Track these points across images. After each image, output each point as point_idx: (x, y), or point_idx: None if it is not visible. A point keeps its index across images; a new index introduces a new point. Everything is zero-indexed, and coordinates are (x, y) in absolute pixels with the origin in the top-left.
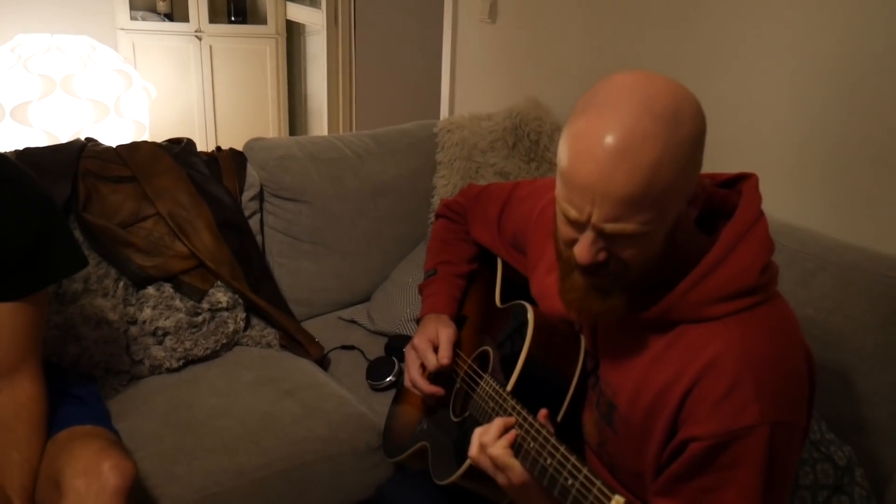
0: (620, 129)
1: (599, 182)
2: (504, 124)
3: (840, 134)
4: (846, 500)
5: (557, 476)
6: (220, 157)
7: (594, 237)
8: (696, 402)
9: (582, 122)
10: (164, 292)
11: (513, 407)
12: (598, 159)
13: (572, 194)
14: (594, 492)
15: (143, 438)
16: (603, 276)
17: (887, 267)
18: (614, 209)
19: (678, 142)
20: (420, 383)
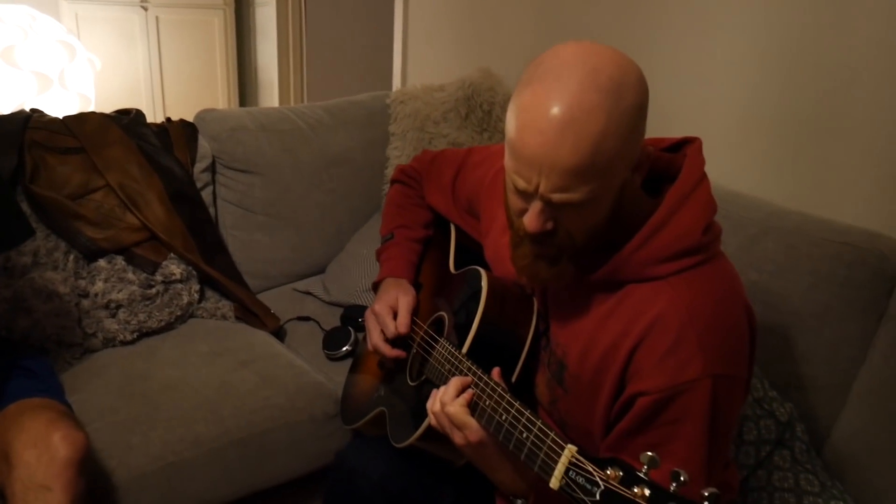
0: (565, 102)
1: (546, 154)
2: (457, 95)
3: (781, 103)
4: (787, 454)
5: (513, 430)
6: (171, 128)
7: (542, 207)
8: (643, 358)
9: (528, 94)
10: (115, 265)
11: (468, 367)
12: (545, 132)
13: (520, 166)
14: (548, 442)
15: (99, 410)
16: (551, 245)
17: (827, 231)
18: (561, 180)
19: (622, 112)
20: (383, 348)
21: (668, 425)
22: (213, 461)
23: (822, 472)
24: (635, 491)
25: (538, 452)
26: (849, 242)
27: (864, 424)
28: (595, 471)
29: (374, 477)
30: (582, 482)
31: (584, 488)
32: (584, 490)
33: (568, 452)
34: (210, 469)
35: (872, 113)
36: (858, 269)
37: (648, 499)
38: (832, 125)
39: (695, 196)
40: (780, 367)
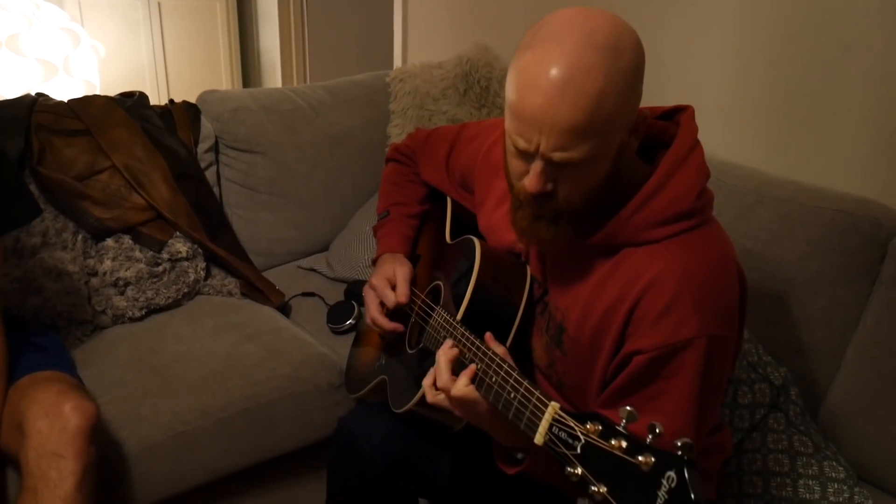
0: (564, 62)
1: (546, 113)
2: (455, 72)
3: (775, 74)
4: (782, 416)
5: (501, 391)
6: (174, 109)
7: (542, 167)
8: (640, 318)
9: (528, 56)
10: (123, 244)
11: (462, 334)
12: (545, 91)
13: (521, 126)
14: (533, 401)
15: (109, 383)
16: (550, 206)
17: (820, 199)
18: (561, 138)
19: (619, 72)
20: (380, 321)
21: (662, 381)
22: (220, 431)
23: (815, 433)
24: (613, 443)
25: (524, 411)
26: (842, 210)
27: (858, 387)
28: (576, 425)
29: (375, 441)
30: (564, 437)
31: (567, 443)
32: (567, 444)
33: (551, 409)
34: (218, 439)
35: (865, 82)
36: (851, 235)
37: (625, 450)
38: (825, 95)
39: (689, 162)
40: (776, 333)
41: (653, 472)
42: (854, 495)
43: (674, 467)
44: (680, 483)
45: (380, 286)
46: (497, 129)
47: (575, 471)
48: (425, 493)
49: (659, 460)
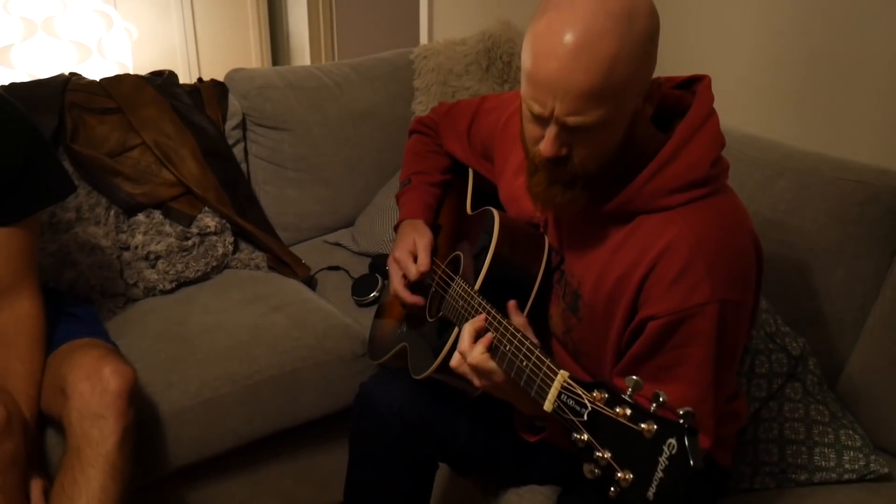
0: (579, 27)
1: (561, 77)
2: (477, 48)
3: (797, 46)
4: (799, 386)
5: (514, 359)
6: (202, 87)
7: (557, 131)
8: (654, 284)
9: (543, 23)
10: (153, 219)
11: (479, 303)
12: (560, 56)
13: (537, 91)
14: (544, 369)
15: (141, 352)
16: (565, 171)
17: (840, 170)
18: (575, 103)
19: (633, 38)
20: (403, 293)
21: (677, 349)
22: (247, 398)
23: (832, 403)
24: (617, 411)
25: (535, 378)
26: (862, 181)
27: (877, 358)
28: (584, 393)
29: (394, 406)
30: (572, 404)
31: (574, 410)
32: (574, 412)
33: (560, 377)
34: (244, 405)
35: (887, 53)
36: (871, 206)
37: (629, 417)
38: (848, 66)
39: (704, 130)
40: (795, 303)
41: (655, 438)
42: (870, 463)
43: (674, 435)
44: (680, 450)
45: (403, 259)
46: (515, 100)
47: (581, 437)
48: (444, 457)
49: (661, 428)
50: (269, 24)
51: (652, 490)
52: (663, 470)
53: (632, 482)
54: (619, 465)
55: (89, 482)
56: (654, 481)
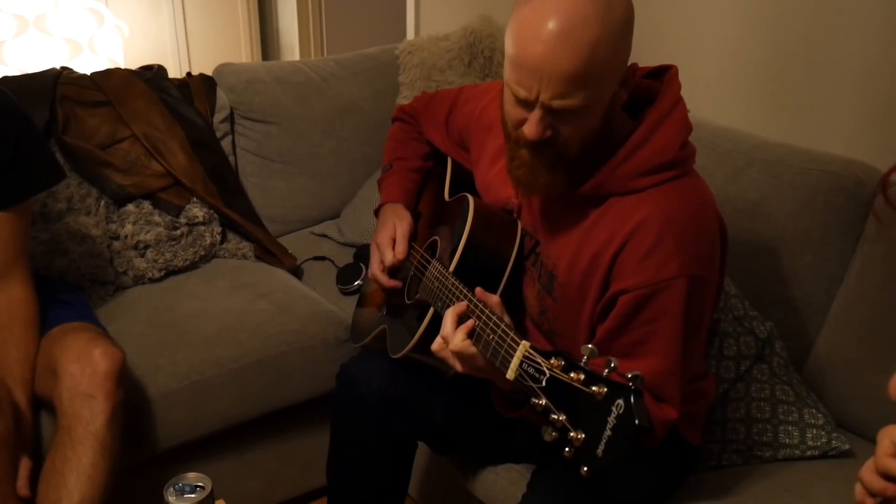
0: (562, 14)
1: (546, 62)
2: (460, 43)
3: (767, 40)
4: (766, 368)
5: (482, 333)
6: (191, 81)
7: (542, 114)
8: (625, 260)
9: (527, 10)
10: (143, 209)
11: (453, 284)
12: (545, 41)
13: (522, 75)
14: (508, 340)
15: (130, 337)
16: (548, 153)
17: (808, 160)
18: (560, 86)
19: (613, 23)
20: (380, 278)
21: (647, 324)
22: (233, 381)
23: (798, 384)
24: (572, 376)
25: (500, 350)
26: (828, 170)
27: (842, 340)
28: (542, 361)
29: (373, 384)
30: (532, 372)
31: (534, 377)
32: (534, 378)
33: (522, 347)
34: (231, 388)
35: (853, 47)
36: (837, 195)
37: (582, 382)
38: (815, 60)
39: (672, 116)
40: (764, 289)
41: (605, 400)
42: (832, 440)
43: (622, 396)
44: (626, 409)
45: (383, 244)
46: (491, 91)
47: (539, 402)
48: (423, 436)
49: (610, 390)
50: (259, 20)
51: (601, 448)
52: (611, 428)
53: (583, 441)
54: (573, 426)
55: (80, 459)
56: (603, 439)
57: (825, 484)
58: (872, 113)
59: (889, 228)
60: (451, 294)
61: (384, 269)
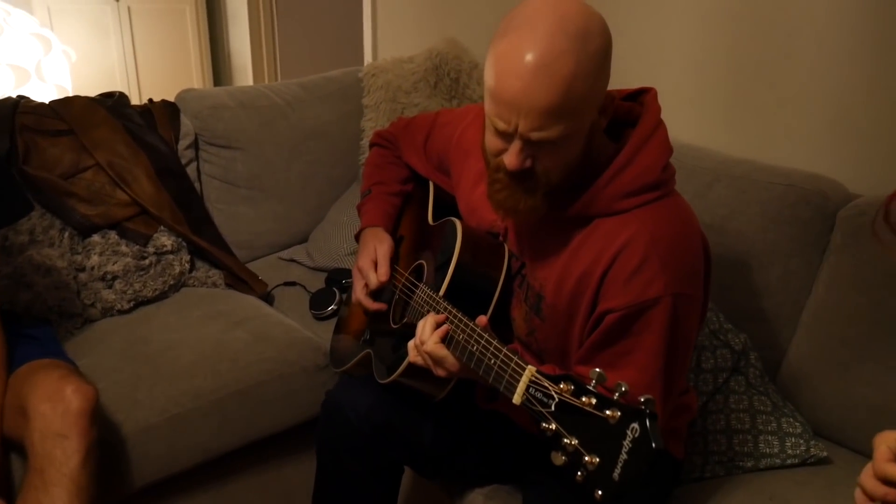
0: (538, 48)
1: (524, 96)
2: (425, 65)
3: (728, 59)
4: (742, 379)
5: (482, 358)
6: (154, 108)
7: (521, 146)
8: (612, 280)
9: (504, 43)
10: (109, 239)
11: (445, 307)
12: (522, 76)
13: (500, 109)
14: (512, 366)
15: (103, 371)
16: (528, 180)
17: (773, 175)
18: (538, 119)
19: (589, 56)
20: (365, 301)
21: (631, 337)
22: (213, 412)
23: (774, 394)
24: (584, 400)
25: (503, 375)
26: (793, 184)
27: (813, 349)
28: (551, 386)
29: (361, 410)
30: (540, 396)
31: (542, 402)
32: (542, 403)
33: (528, 372)
34: (211, 419)
35: (811, 65)
36: (803, 208)
37: (594, 406)
38: (775, 80)
39: (654, 138)
40: (736, 301)
41: (619, 424)
42: (810, 448)
43: (637, 419)
44: (643, 433)
45: (365, 268)
46: (468, 115)
47: (549, 426)
48: (410, 460)
49: (624, 414)
50: (210, 44)
51: (617, 471)
52: (627, 452)
53: (598, 465)
54: (586, 450)
55: (53, 502)
56: (619, 463)
57: (806, 490)
58: (828, 128)
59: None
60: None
61: (368, 293)
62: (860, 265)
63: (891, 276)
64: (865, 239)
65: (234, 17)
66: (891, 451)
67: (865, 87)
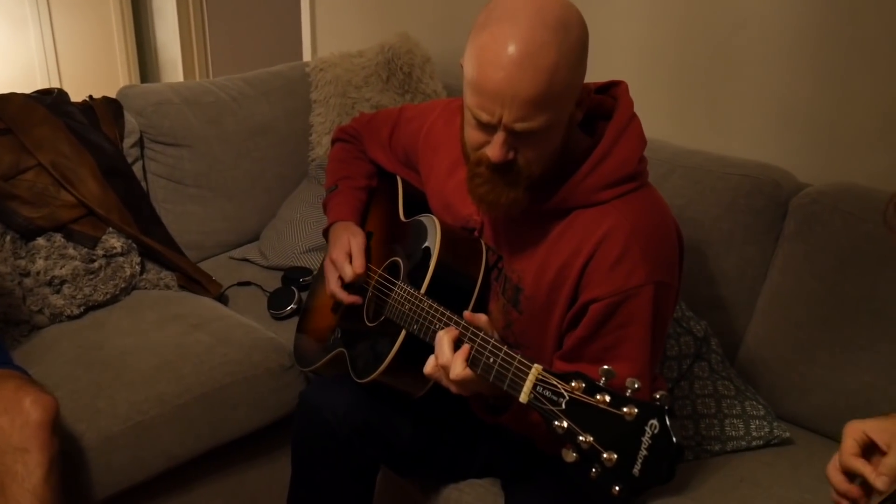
0: (521, 39)
1: (508, 87)
2: (377, 60)
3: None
4: (705, 365)
5: (480, 356)
6: (95, 105)
7: (505, 137)
8: (594, 270)
9: (485, 36)
10: (55, 242)
11: (429, 305)
12: (505, 67)
13: (484, 100)
14: (515, 364)
15: (58, 380)
16: (511, 174)
17: (726, 165)
18: (522, 110)
19: (570, 46)
20: (340, 294)
21: (617, 330)
22: (178, 418)
23: (736, 378)
24: (598, 398)
25: (506, 374)
26: (747, 174)
27: (769, 333)
28: (560, 384)
29: (339, 410)
30: (549, 395)
31: (552, 400)
32: (551, 401)
33: (535, 371)
34: (176, 425)
35: (758, 58)
36: (756, 197)
37: (609, 403)
38: (723, 72)
39: (629, 130)
40: (695, 290)
41: (636, 420)
42: (774, 429)
43: (655, 416)
44: (662, 429)
45: (339, 260)
46: (434, 110)
47: (561, 424)
48: (387, 459)
49: (641, 411)
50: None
51: (637, 467)
52: (647, 448)
53: (616, 461)
54: (603, 447)
55: None
56: (639, 459)
57: (773, 470)
58: (773, 118)
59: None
60: (429, 316)
61: (343, 286)
62: (813, 251)
63: (843, 260)
64: (818, 226)
65: (159, 8)
66: (857, 444)
67: (812, 80)
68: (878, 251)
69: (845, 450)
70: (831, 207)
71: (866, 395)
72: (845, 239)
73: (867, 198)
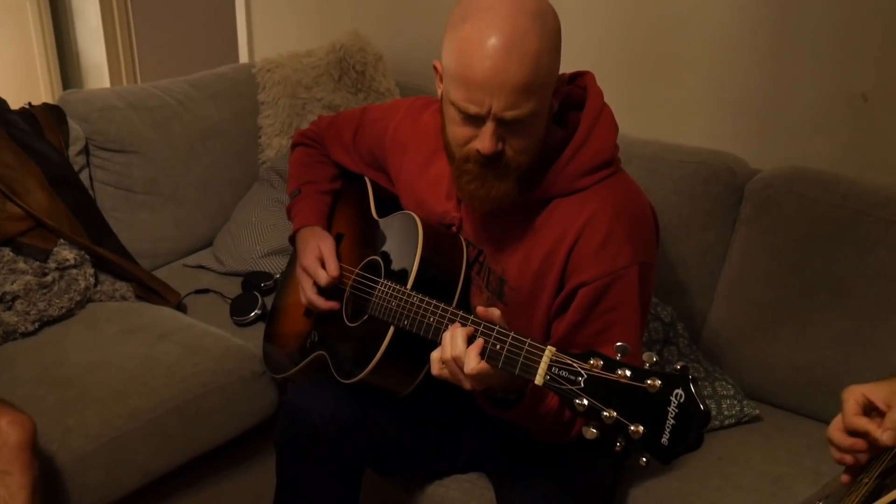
0: (503, 29)
1: (496, 75)
2: (328, 59)
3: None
4: (674, 349)
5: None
6: (36, 112)
7: (494, 127)
8: (580, 254)
9: (466, 29)
10: (4, 256)
11: (420, 299)
12: (492, 56)
13: (472, 93)
14: (525, 348)
15: (20, 401)
16: (500, 165)
17: (681, 153)
18: (511, 97)
19: (549, 33)
20: (316, 301)
21: (607, 313)
22: (152, 432)
23: (704, 360)
24: (619, 373)
25: (517, 358)
26: (702, 162)
27: (730, 314)
28: (576, 363)
29: (325, 413)
30: (565, 375)
31: (569, 380)
32: (569, 381)
33: (548, 352)
34: (150, 440)
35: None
36: (712, 183)
37: (630, 377)
38: (673, 64)
39: (603, 118)
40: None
41: (660, 391)
42: (744, 408)
43: (680, 385)
44: (689, 397)
45: (311, 266)
46: (398, 109)
47: (582, 402)
48: (372, 459)
49: (665, 382)
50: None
51: (666, 437)
52: (675, 417)
53: (644, 433)
54: (629, 420)
55: None
56: (668, 429)
57: (747, 448)
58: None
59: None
60: (420, 310)
61: (318, 291)
62: (770, 233)
63: (798, 241)
64: (773, 208)
65: (80, 12)
66: (858, 405)
67: (757, 69)
68: (832, 231)
69: (848, 410)
70: (786, 190)
71: (827, 369)
72: (801, 220)
73: (819, 180)
